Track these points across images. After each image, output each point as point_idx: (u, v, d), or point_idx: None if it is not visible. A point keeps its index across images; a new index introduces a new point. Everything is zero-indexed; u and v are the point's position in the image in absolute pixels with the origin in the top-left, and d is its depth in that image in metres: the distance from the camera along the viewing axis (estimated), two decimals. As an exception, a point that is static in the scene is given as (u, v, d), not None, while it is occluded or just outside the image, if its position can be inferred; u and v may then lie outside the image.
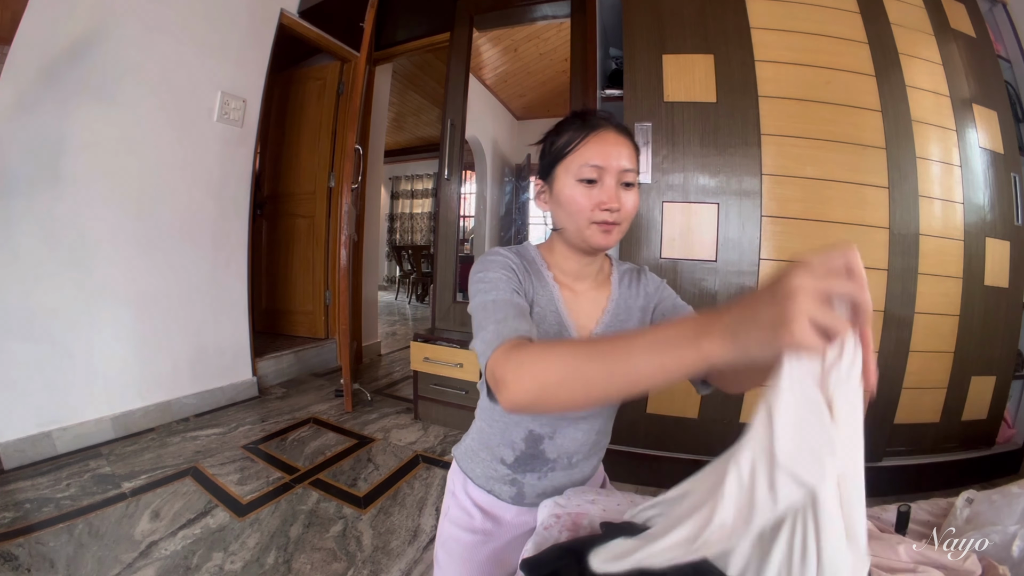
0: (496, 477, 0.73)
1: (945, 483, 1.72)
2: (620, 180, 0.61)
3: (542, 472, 0.71)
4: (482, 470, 0.74)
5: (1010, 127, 1.84)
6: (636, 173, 0.63)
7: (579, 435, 0.69)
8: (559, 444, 0.69)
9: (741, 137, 1.64)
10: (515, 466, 0.71)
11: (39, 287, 1.75)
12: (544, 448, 0.69)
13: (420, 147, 7.33)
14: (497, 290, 0.59)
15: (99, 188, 1.90)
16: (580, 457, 0.71)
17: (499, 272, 0.62)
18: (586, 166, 0.60)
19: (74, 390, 1.86)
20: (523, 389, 0.43)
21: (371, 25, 2.45)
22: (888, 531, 0.72)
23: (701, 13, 1.71)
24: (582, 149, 0.61)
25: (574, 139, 0.62)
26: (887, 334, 1.65)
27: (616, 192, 0.61)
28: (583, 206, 0.61)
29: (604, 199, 0.60)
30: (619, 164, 0.61)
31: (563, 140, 0.63)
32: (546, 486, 0.72)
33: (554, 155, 0.64)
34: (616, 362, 0.38)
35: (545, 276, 0.67)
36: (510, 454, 0.71)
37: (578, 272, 0.69)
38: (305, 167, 3.21)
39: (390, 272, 8.19)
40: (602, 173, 0.60)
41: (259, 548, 1.35)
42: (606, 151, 0.60)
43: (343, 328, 2.44)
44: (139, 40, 1.96)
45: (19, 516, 1.40)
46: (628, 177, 0.62)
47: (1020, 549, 0.63)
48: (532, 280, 0.66)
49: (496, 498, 0.73)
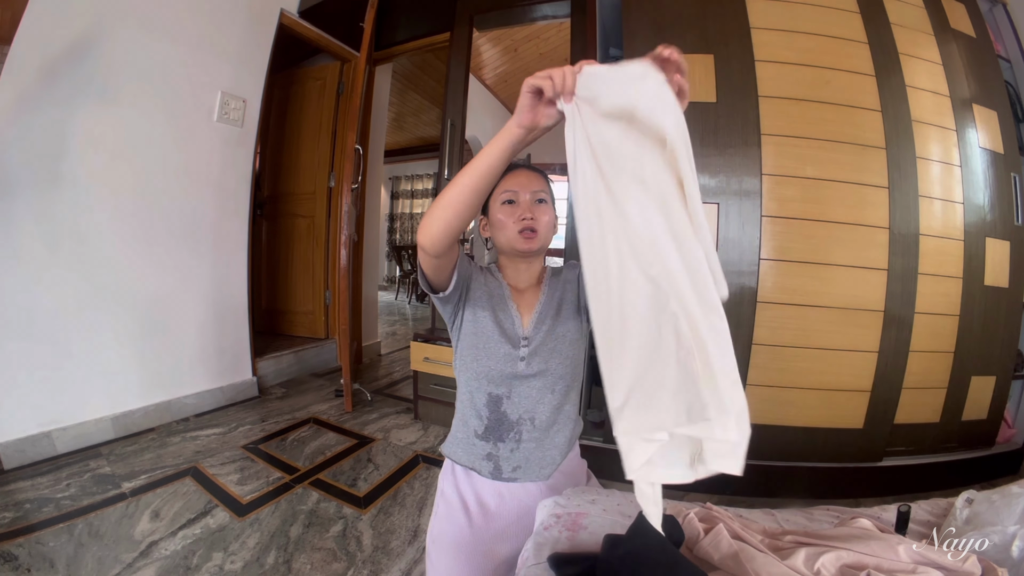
0: (475, 454, 0.82)
1: (945, 483, 1.72)
2: (534, 198, 0.81)
3: (513, 442, 0.81)
4: (463, 450, 0.84)
5: (1010, 127, 1.84)
6: (548, 194, 0.83)
7: (533, 392, 0.81)
8: (517, 403, 0.81)
9: (741, 137, 1.64)
10: (487, 435, 0.82)
11: (39, 287, 1.75)
12: (505, 410, 0.81)
13: (420, 147, 7.33)
14: None
15: (99, 188, 1.90)
16: (543, 422, 0.81)
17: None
18: (505, 191, 0.81)
19: (74, 390, 1.86)
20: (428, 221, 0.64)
21: (371, 25, 2.45)
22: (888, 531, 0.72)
23: (701, 13, 1.71)
24: (502, 183, 0.82)
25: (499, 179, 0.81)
26: (887, 334, 1.65)
27: (531, 205, 0.81)
28: (507, 220, 0.81)
29: (521, 211, 0.80)
30: (530, 186, 0.81)
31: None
32: (519, 459, 0.81)
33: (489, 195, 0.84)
34: (476, 162, 0.58)
35: (500, 282, 0.87)
36: (480, 424, 0.82)
37: (520, 276, 0.87)
38: (305, 167, 3.21)
39: (390, 272, 8.19)
40: (517, 195, 0.81)
41: (259, 548, 1.35)
42: (519, 180, 0.82)
43: (343, 328, 2.44)
44: (139, 40, 1.96)
45: (19, 516, 1.40)
46: (540, 195, 0.82)
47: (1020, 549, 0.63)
48: (490, 280, 0.86)
49: (478, 474, 0.82)
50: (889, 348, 1.65)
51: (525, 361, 0.80)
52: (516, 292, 0.87)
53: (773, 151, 1.63)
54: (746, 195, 1.64)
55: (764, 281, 1.64)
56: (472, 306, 0.82)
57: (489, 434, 0.81)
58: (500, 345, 0.80)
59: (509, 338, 0.81)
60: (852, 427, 1.69)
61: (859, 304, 1.64)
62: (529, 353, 0.81)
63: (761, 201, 1.63)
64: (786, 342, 1.64)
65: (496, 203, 0.83)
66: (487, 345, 0.80)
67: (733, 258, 1.64)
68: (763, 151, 1.63)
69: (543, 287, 0.88)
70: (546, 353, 0.81)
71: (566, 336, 0.83)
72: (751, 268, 1.63)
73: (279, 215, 3.30)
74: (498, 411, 0.81)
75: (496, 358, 0.80)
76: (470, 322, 0.82)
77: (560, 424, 0.83)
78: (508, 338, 0.80)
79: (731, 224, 1.65)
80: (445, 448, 0.88)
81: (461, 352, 0.83)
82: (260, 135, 2.58)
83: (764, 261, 1.63)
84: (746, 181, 1.64)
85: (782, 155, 1.63)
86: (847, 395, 1.67)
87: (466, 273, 0.81)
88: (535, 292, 0.87)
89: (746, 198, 1.64)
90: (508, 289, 0.86)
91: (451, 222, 0.62)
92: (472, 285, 0.83)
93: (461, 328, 0.83)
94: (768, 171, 1.63)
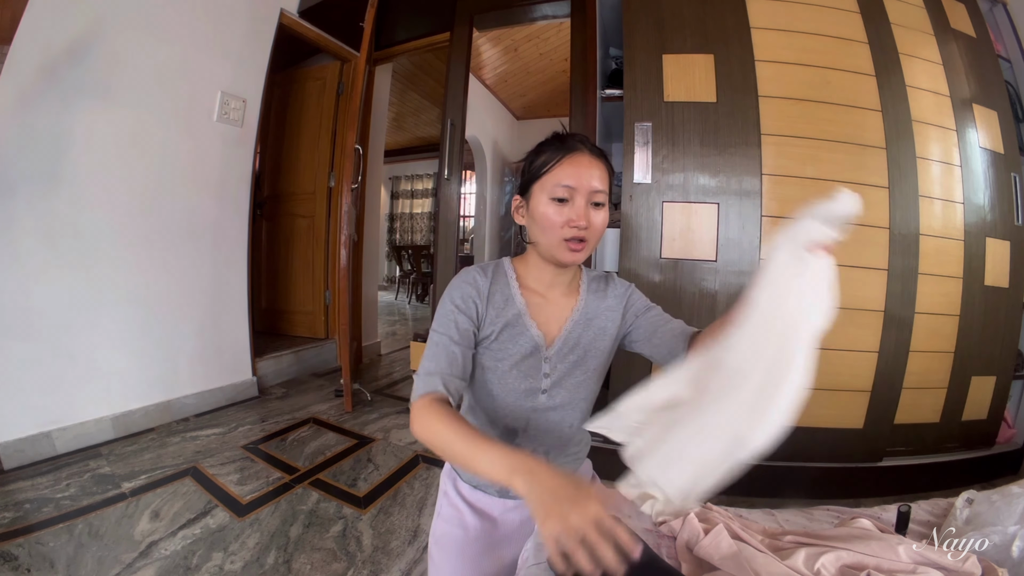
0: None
1: (945, 483, 1.72)
2: (590, 200, 0.66)
3: None
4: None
5: (1010, 127, 1.84)
6: (607, 194, 0.68)
7: (551, 425, 0.74)
8: (533, 436, 0.74)
9: (741, 137, 1.64)
10: None
11: (39, 287, 1.75)
12: (520, 443, 0.74)
13: (420, 147, 7.33)
14: (444, 327, 0.68)
15: (99, 188, 1.90)
16: (558, 450, 0.76)
17: (457, 302, 0.69)
18: (559, 186, 0.65)
19: (74, 390, 1.86)
20: (416, 433, 0.59)
21: (371, 25, 2.45)
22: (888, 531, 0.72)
23: (701, 13, 1.71)
24: (556, 170, 0.66)
25: (550, 160, 0.67)
26: (887, 334, 1.65)
27: (585, 211, 0.65)
28: (555, 223, 0.66)
29: (574, 217, 0.65)
30: (590, 185, 0.65)
31: (540, 160, 0.68)
32: None
33: (532, 174, 0.69)
34: (462, 450, 0.53)
35: (513, 293, 0.73)
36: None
37: (551, 281, 0.74)
38: (305, 167, 3.21)
39: (390, 272, 8.19)
40: (573, 193, 0.65)
41: (259, 548, 1.35)
42: (578, 173, 0.65)
43: (343, 328, 2.44)
44: (139, 40, 1.96)
45: (19, 516, 1.40)
46: (598, 197, 0.66)
47: (1020, 550, 0.63)
48: (497, 300, 0.72)
49: (484, 493, 0.77)
50: (889, 348, 1.65)
51: (547, 394, 0.72)
52: (539, 301, 0.74)
53: (773, 151, 1.63)
54: (746, 195, 1.64)
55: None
56: (487, 348, 0.71)
57: None
58: (520, 381, 0.71)
59: (529, 372, 0.71)
60: (852, 427, 1.69)
61: (859, 304, 1.64)
62: (552, 384, 0.72)
63: (761, 201, 1.63)
64: (786, 342, 1.64)
65: (543, 192, 0.67)
66: (504, 381, 0.72)
67: (733, 258, 1.64)
68: (763, 151, 1.63)
69: (579, 301, 0.75)
70: (572, 386, 0.73)
71: (596, 369, 0.75)
72: (751, 268, 1.63)
73: (279, 215, 3.30)
74: (512, 442, 0.74)
75: (515, 394, 0.72)
76: (489, 369, 0.72)
77: (574, 447, 0.79)
78: (528, 373, 0.71)
79: (731, 224, 1.65)
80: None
81: (475, 389, 0.75)
82: (260, 135, 2.57)
83: (764, 261, 1.63)
84: (746, 181, 1.64)
85: (782, 155, 1.63)
86: (847, 395, 1.67)
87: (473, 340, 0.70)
88: (564, 304, 0.75)
89: (746, 198, 1.64)
90: (523, 304, 0.73)
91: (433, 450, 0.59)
92: (483, 331, 0.71)
93: (474, 372, 0.73)
94: (768, 171, 1.63)
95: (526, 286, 0.74)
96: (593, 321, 0.75)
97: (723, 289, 1.65)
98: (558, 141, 0.69)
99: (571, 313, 0.74)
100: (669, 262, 1.67)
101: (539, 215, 0.67)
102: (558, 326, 0.74)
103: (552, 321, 0.73)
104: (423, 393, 0.63)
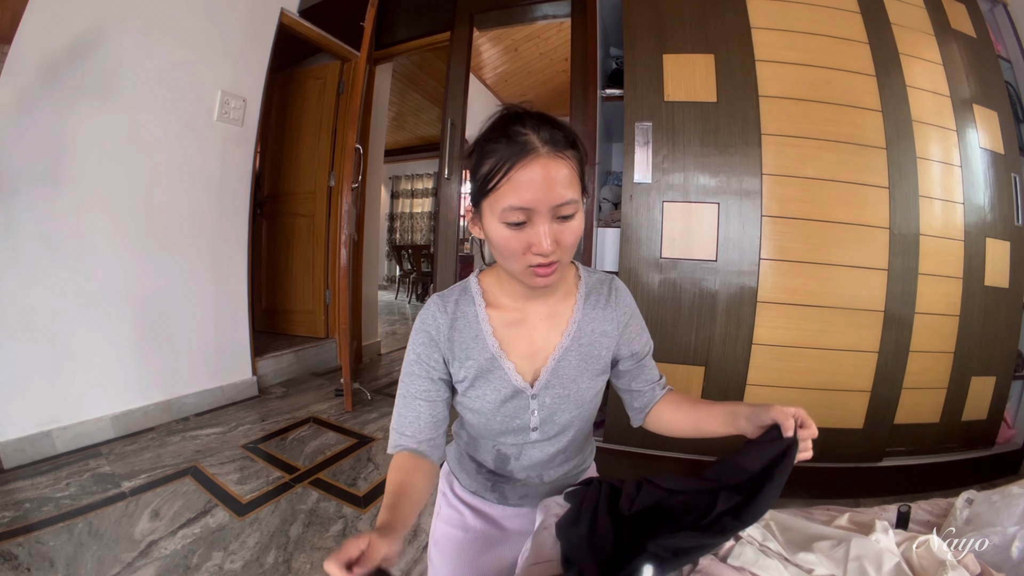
0: (479, 483, 0.77)
1: (945, 483, 1.72)
2: (555, 215, 0.52)
3: (520, 487, 0.75)
4: (466, 475, 0.78)
5: (1010, 127, 1.84)
6: (578, 200, 0.53)
7: (545, 456, 0.70)
8: (525, 464, 0.71)
9: (741, 137, 1.64)
10: (491, 476, 0.75)
11: (39, 287, 1.75)
12: (512, 469, 0.71)
13: (420, 147, 7.33)
14: (408, 380, 0.65)
15: (99, 188, 1.90)
16: (552, 473, 0.73)
17: (419, 350, 0.64)
18: (512, 209, 0.51)
19: (74, 390, 1.86)
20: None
21: (371, 24, 2.45)
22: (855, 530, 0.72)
23: (701, 13, 1.71)
24: (505, 188, 0.51)
25: (498, 171, 0.51)
26: (887, 334, 1.65)
27: (548, 231, 0.52)
28: (514, 249, 0.53)
29: (535, 242, 0.52)
30: (549, 200, 0.51)
31: (486, 168, 0.53)
32: (528, 490, 0.75)
33: (478, 186, 0.54)
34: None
35: (483, 328, 0.62)
36: (482, 468, 0.75)
37: (529, 294, 0.62)
38: (305, 166, 3.21)
39: (390, 272, 8.19)
40: (532, 215, 0.51)
41: (259, 547, 1.35)
42: (532, 189, 0.50)
43: (343, 327, 2.44)
44: (139, 39, 1.96)
45: (19, 515, 1.40)
46: (565, 210, 0.52)
47: (1020, 550, 0.63)
48: (464, 339, 0.63)
49: (482, 499, 0.77)
50: (889, 348, 1.65)
51: (539, 431, 0.66)
52: (514, 324, 0.63)
53: (773, 151, 1.63)
54: (746, 195, 1.64)
55: (764, 281, 1.64)
56: (464, 395, 0.65)
57: (494, 476, 0.74)
58: (506, 422, 0.65)
59: (515, 414, 0.64)
60: (852, 427, 1.69)
61: (859, 304, 1.64)
62: (543, 421, 0.65)
63: (761, 201, 1.63)
64: (786, 342, 1.64)
65: (494, 214, 0.53)
66: (489, 424, 0.66)
67: (733, 258, 1.64)
68: (763, 151, 1.63)
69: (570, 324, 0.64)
70: (566, 420, 0.66)
71: (591, 399, 0.67)
72: (751, 268, 1.63)
73: (279, 214, 3.30)
74: (504, 468, 0.72)
75: (504, 434, 0.67)
76: (471, 411, 0.66)
77: (571, 459, 0.75)
78: (514, 414, 0.64)
79: (731, 224, 1.65)
80: (448, 460, 0.82)
81: (463, 416, 0.71)
82: (260, 134, 2.57)
83: (764, 261, 1.63)
84: (746, 181, 1.63)
85: (782, 155, 1.63)
86: (847, 395, 1.67)
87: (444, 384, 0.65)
88: (553, 322, 0.64)
89: (746, 198, 1.64)
90: (496, 344, 0.62)
91: None
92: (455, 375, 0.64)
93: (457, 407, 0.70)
94: (768, 171, 1.63)
95: (499, 305, 0.64)
96: (587, 343, 0.65)
97: (723, 289, 1.65)
98: (505, 138, 0.52)
99: (560, 338, 0.63)
100: (669, 262, 1.67)
101: (494, 238, 0.54)
102: (544, 356, 0.64)
103: (537, 353, 0.64)
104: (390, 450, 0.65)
